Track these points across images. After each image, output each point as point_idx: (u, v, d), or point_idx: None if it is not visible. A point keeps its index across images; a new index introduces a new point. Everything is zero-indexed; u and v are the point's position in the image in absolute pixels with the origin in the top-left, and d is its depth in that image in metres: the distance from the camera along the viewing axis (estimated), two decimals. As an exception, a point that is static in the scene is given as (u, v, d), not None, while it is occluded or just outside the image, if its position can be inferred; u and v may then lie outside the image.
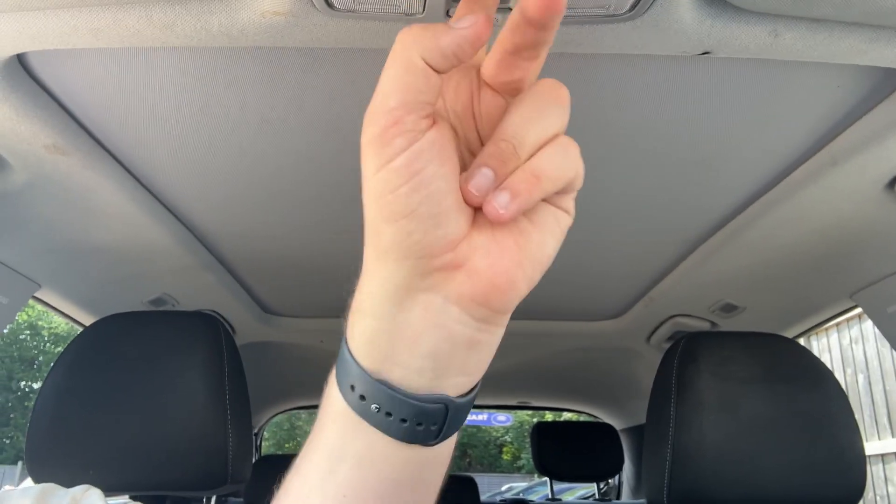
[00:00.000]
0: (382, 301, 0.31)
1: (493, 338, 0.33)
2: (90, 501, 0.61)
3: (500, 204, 0.28)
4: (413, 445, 0.33)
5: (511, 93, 0.31)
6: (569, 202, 0.32)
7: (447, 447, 0.36)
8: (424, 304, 0.31)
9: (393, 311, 0.31)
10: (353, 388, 0.32)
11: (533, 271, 0.31)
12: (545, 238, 0.31)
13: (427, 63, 0.29)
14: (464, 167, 0.31)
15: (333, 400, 0.34)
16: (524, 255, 0.30)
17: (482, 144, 0.32)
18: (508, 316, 0.33)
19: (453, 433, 0.35)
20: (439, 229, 0.29)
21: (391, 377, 0.32)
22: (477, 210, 0.30)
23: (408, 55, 0.29)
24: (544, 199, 0.31)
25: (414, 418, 0.32)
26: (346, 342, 0.34)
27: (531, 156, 0.29)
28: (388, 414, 0.32)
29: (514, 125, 0.29)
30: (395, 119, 0.29)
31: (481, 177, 0.29)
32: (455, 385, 0.33)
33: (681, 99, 0.78)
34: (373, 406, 0.32)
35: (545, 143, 0.29)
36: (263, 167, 0.93)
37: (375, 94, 0.30)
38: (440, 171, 0.29)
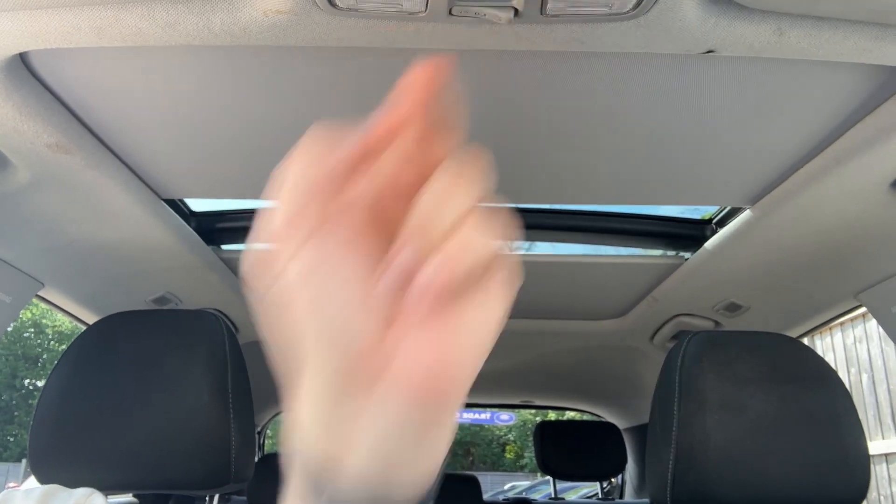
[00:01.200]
0: (313, 412, 0.28)
1: (444, 430, 0.29)
2: None
3: (415, 298, 0.26)
4: None
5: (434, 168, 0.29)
6: (501, 277, 0.28)
7: None
8: (356, 409, 0.28)
9: (326, 406, 0.28)
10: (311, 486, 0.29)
11: (473, 353, 0.27)
12: (481, 318, 0.27)
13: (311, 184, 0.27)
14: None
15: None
16: (460, 341, 0.27)
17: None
18: (456, 406, 0.29)
19: None
20: (349, 333, 0.27)
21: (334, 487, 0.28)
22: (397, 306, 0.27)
23: (293, 179, 0.28)
24: (475, 279, 0.27)
25: None
26: (298, 440, 0.30)
27: (444, 240, 0.26)
28: None
29: (420, 216, 0.27)
30: (279, 237, 0.27)
31: (391, 273, 0.26)
32: (411, 478, 0.29)
33: (684, 98, 0.78)
34: None
35: (457, 226, 0.26)
36: (267, 165, 0.93)
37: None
38: (339, 275, 0.27)
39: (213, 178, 0.99)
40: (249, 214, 1.29)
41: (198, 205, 1.23)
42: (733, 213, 1.17)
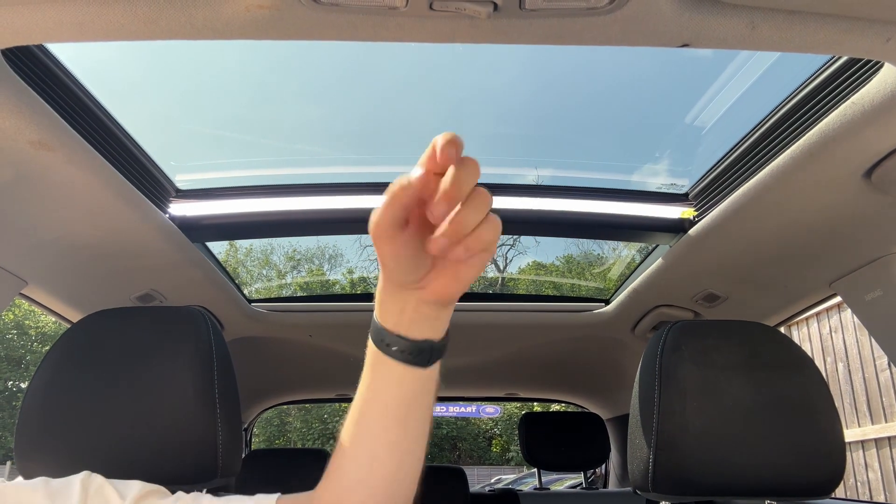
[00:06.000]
0: (389, 296, 0.59)
1: (446, 313, 0.60)
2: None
3: (456, 255, 0.51)
4: (414, 368, 0.60)
5: None
6: (490, 250, 0.54)
7: (434, 376, 0.62)
8: (407, 299, 0.58)
9: (395, 300, 0.59)
10: (381, 340, 0.60)
11: (465, 286, 0.56)
12: (472, 271, 0.55)
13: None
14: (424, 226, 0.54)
15: (371, 353, 0.61)
16: (459, 279, 0.55)
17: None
18: (453, 305, 0.59)
19: (437, 361, 0.61)
20: (412, 275, 0.56)
21: (400, 331, 0.59)
22: (435, 259, 0.55)
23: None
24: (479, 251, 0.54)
25: (413, 351, 0.59)
26: (376, 316, 0.60)
27: (470, 232, 0.51)
28: (402, 351, 0.59)
29: (461, 214, 0.50)
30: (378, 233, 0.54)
31: (443, 242, 0.50)
32: (432, 333, 0.60)
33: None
34: (393, 348, 0.59)
35: (480, 223, 0.51)
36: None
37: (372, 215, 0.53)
38: (409, 251, 0.55)
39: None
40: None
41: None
42: (711, 206, 1.20)
